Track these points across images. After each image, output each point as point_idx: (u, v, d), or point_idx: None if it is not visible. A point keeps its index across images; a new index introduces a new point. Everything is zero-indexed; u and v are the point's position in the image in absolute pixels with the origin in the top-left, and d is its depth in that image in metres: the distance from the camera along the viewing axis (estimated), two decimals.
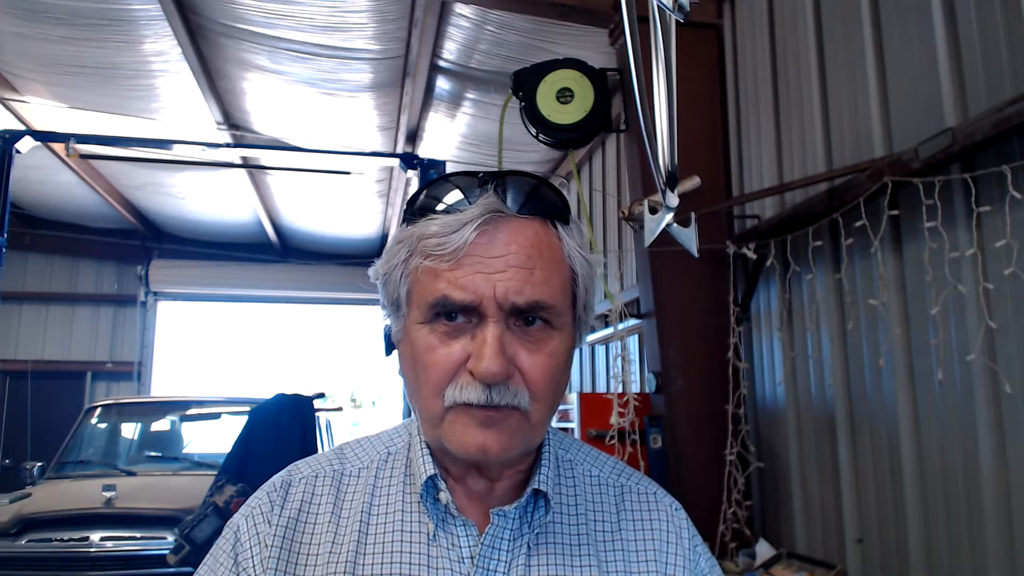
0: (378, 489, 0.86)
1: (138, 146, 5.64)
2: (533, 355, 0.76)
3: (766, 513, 3.62)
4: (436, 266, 0.75)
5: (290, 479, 0.88)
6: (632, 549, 0.86)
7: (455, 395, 0.75)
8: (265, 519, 0.84)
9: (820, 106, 3.23)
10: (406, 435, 0.91)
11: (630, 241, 5.21)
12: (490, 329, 0.74)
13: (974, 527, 2.41)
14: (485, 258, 0.74)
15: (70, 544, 3.98)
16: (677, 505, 0.92)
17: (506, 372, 0.74)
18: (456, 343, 0.76)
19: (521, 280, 0.74)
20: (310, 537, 0.83)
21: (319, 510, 0.85)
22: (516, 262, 0.75)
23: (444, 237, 0.74)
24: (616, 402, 3.71)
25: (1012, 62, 2.28)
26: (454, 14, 4.58)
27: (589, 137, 3.92)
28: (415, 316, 0.78)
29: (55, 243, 9.59)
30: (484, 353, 0.73)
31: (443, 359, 0.76)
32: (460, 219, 0.75)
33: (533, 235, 0.77)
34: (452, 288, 0.74)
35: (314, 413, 4.19)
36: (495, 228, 0.75)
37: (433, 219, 0.76)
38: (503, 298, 0.74)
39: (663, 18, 1.45)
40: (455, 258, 0.74)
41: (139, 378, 9.87)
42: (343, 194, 7.85)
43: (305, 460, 0.91)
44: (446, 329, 0.76)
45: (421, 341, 0.77)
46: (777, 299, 3.50)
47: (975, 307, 2.37)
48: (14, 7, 4.57)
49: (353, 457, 0.90)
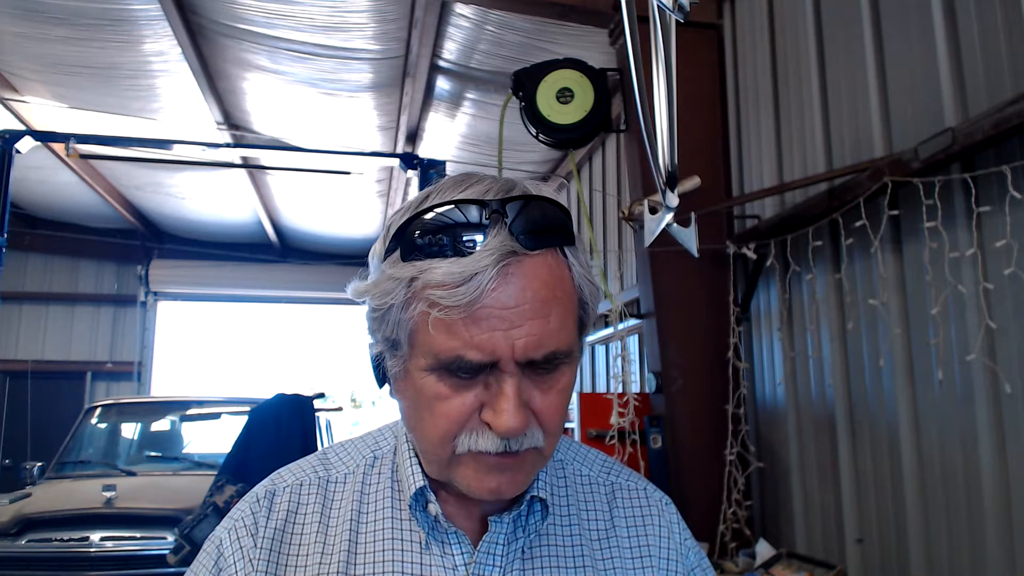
0: (366, 496, 0.83)
1: (138, 146, 5.64)
2: (546, 395, 0.72)
3: (766, 513, 3.62)
4: (447, 318, 0.66)
5: (274, 488, 0.84)
6: (626, 547, 0.85)
7: (469, 443, 0.71)
8: (248, 533, 0.80)
9: (820, 106, 3.23)
10: (392, 438, 0.88)
11: (630, 241, 5.21)
12: (508, 383, 0.68)
13: (974, 527, 2.41)
14: (501, 310, 0.66)
15: (70, 544, 3.98)
16: (667, 499, 0.92)
17: (526, 426, 0.69)
18: (469, 393, 0.70)
19: (539, 333, 0.68)
20: (298, 548, 0.80)
21: (306, 520, 0.82)
22: (532, 312, 0.67)
23: (455, 289, 0.66)
24: (616, 402, 3.71)
25: (1012, 62, 2.28)
26: (454, 14, 4.58)
27: (589, 137, 3.92)
28: (419, 362, 0.71)
29: (55, 243, 9.59)
30: (503, 408, 0.68)
31: (455, 410, 0.70)
32: (471, 266, 0.66)
33: (547, 274, 0.69)
34: (468, 349, 0.67)
35: (314, 413, 4.18)
36: (511, 273, 0.67)
37: (437, 264, 0.67)
38: (522, 355, 0.68)
39: (663, 18, 1.45)
40: (468, 312, 0.66)
41: (139, 378, 9.87)
42: (343, 194, 7.85)
43: (288, 467, 0.87)
44: (457, 381, 0.70)
45: (429, 389, 0.70)
46: (777, 299, 3.50)
47: (975, 307, 2.37)
48: (14, 7, 4.57)
49: (338, 462, 0.87)
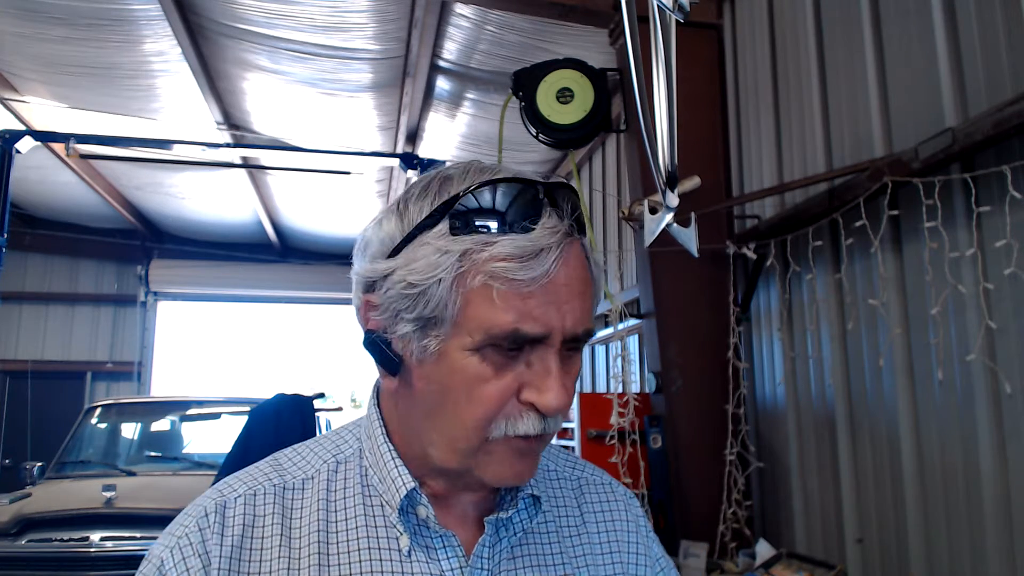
0: (333, 502, 0.77)
1: (138, 146, 5.64)
2: (567, 377, 0.72)
3: (766, 513, 3.62)
4: (509, 290, 0.66)
5: (224, 500, 0.76)
6: (596, 542, 0.86)
7: (506, 429, 0.70)
8: (196, 552, 0.72)
9: (820, 106, 3.23)
10: (355, 441, 0.83)
11: (630, 241, 5.21)
12: (553, 360, 0.69)
13: (974, 527, 2.41)
14: (560, 286, 0.68)
15: (70, 544, 3.98)
16: (631, 494, 0.94)
17: (571, 403, 0.71)
18: (509, 373, 0.69)
19: (582, 310, 0.70)
20: (258, 564, 0.73)
21: (264, 532, 0.75)
22: (579, 291, 0.70)
23: (525, 262, 0.66)
24: (616, 402, 3.71)
25: (1012, 62, 2.28)
26: (454, 14, 4.58)
27: (589, 137, 3.92)
28: (462, 341, 0.69)
29: (55, 243, 9.59)
30: (550, 386, 0.69)
31: (497, 392, 0.69)
32: (537, 243, 0.67)
33: (584, 258, 0.72)
34: (526, 321, 0.67)
35: (314, 413, 4.17)
36: (567, 252, 0.69)
37: (500, 238, 0.67)
38: (571, 330, 0.69)
39: (663, 18, 1.45)
40: (533, 285, 0.67)
41: (139, 378, 9.87)
42: (343, 194, 7.86)
43: (235, 475, 0.80)
44: (501, 360, 0.69)
45: (471, 370, 0.69)
46: (777, 299, 3.50)
47: (975, 307, 2.37)
48: (14, 7, 4.57)
49: (292, 467, 0.81)
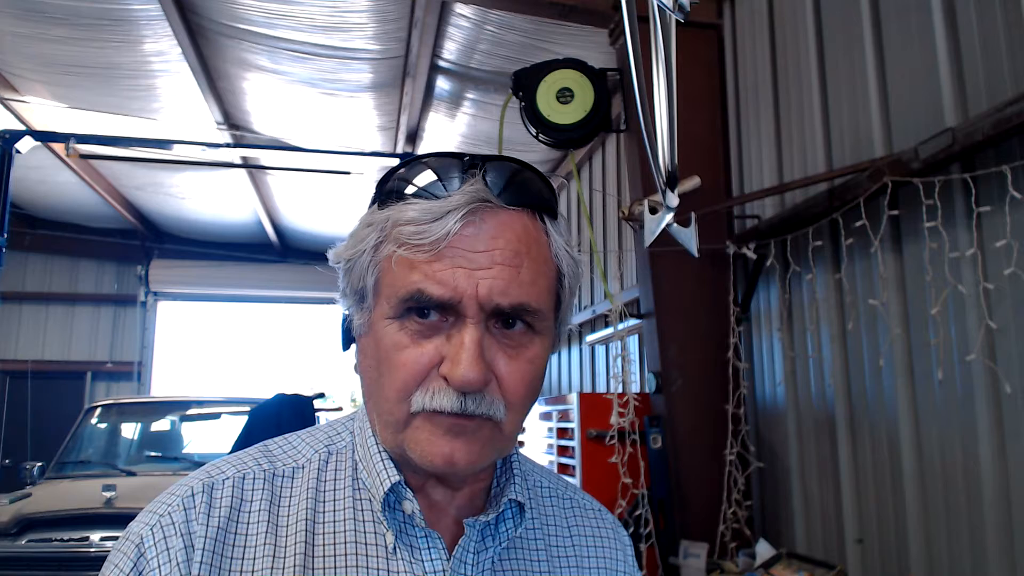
0: (321, 494, 0.76)
1: (138, 146, 5.65)
2: (512, 361, 0.70)
3: (766, 513, 3.62)
4: (412, 256, 0.67)
5: (212, 481, 0.74)
6: (586, 566, 0.85)
7: (424, 401, 0.68)
8: (178, 532, 0.70)
9: (820, 106, 3.23)
10: (347, 434, 0.82)
11: (630, 241, 5.21)
12: (468, 331, 0.66)
13: (974, 527, 2.41)
14: (468, 252, 0.67)
15: (70, 544, 3.98)
16: (619, 524, 0.93)
17: (484, 380, 0.67)
18: (429, 343, 0.68)
19: (507, 279, 0.67)
20: (243, 550, 0.71)
21: (251, 518, 0.73)
22: (502, 259, 0.67)
23: (424, 225, 0.66)
24: (616, 402, 3.71)
25: (1012, 62, 2.28)
26: (454, 14, 4.58)
27: (589, 137, 3.92)
28: (383, 310, 0.70)
29: (55, 243, 9.60)
30: (461, 358, 0.66)
31: (412, 360, 0.68)
32: (443, 206, 0.67)
33: (521, 230, 0.70)
34: (429, 282, 0.66)
35: (314, 413, 4.19)
36: (481, 219, 0.68)
37: (411, 204, 0.68)
38: (486, 298, 0.66)
39: (663, 18, 1.45)
40: (435, 249, 0.66)
41: (139, 378, 9.88)
42: (343, 194, 7.86)
43: (225, 459, 0.79)
44: (418, 327, 0.68)
45: (389, 338, 0.69)
46: (777, 299, 3.50)
47: (975, 307, 2.37)
48: (14, 7, 4.58)
49: (283, 455, 0.80)
